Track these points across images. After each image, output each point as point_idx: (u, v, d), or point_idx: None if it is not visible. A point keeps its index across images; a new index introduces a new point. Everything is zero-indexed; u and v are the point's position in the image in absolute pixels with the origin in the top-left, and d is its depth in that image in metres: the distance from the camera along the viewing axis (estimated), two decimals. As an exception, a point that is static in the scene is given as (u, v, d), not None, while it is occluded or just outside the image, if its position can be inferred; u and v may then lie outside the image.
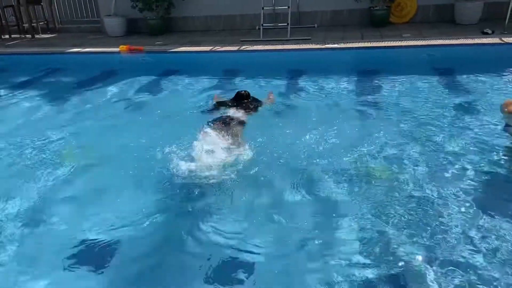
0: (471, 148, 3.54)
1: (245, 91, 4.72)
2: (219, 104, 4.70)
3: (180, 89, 5.85)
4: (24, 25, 10.22)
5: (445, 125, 4.01)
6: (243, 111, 4.39)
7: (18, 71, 7.34)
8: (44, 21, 10.48)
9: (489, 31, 6.89)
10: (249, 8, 8.95)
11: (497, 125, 3.90)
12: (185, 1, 9.18)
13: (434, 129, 3.94)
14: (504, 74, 5.30)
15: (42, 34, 10.27)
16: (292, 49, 7.20)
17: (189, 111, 4.76)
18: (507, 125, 3.76)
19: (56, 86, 6.43)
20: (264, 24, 8.18)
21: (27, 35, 10.11)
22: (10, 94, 6.00)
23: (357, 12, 8.72)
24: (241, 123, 4.15)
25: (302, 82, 5.69)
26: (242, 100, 4.63)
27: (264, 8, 8.24)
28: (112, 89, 5.92)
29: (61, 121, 4.80)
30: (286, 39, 7.75)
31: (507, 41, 6.42)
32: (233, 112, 4.36)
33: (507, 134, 3.72)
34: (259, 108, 4.61)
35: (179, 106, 4.95)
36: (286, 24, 8.00)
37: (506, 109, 3.68)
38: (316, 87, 5.39)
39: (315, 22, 8.87)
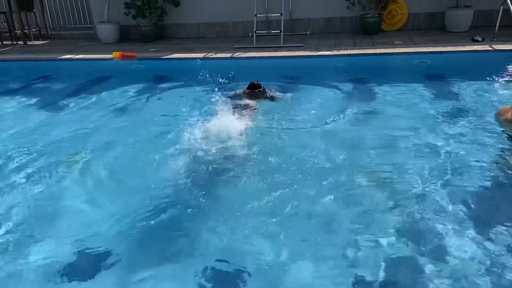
0: (463, 153, 3.56)
1: (257, 81, 4.84)
2: (232, 97, 4.79)
3: (173, 95, 5.84)
4: (16, 31, 10.18)
5: (436, 131, 4.03)
6: (256, 100, 4.48)
7: (10, 78, 7.28)
8: (36, 28, 10.45)
9: (479, 39, 6.97)
10: (242, 15, 9.00)
11: (486, 130, 3.93)
12: (178, 8, 9.21)
13: (426, 135, 3.96)
14: (493, 80, 5.38)
15: (34, 40, 10.23)
16: (285, 56, 7.23)
17: (183, 116, 4.76)
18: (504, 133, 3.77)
19: (48, 93, 6.38)
20: (257, 31, 8.22)
21: (19, 42, 10.07)
22: (2, 101, 5.95)
23: (349, 20, 8.80)
24: (255, 111, 4.28)
25: (295, 89, 5.70)
26: (255, 89, 4.75)
27: (257, 15, 8.28)
28: (105, 96, 5.90)
29: (53, 127, 4.76)
30: (279, 46, 7.79)
31: (497, 48, 6.50)
32: (246, 101, 4.47)
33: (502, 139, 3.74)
34: (272, 98, 4.72)
35: (172, 112, 4.94)
36: (279, 31, 8.04)
37: (501, 117, 3.71)
38: (309, 94, 5.41)
39: (308, 30, 8.94)
